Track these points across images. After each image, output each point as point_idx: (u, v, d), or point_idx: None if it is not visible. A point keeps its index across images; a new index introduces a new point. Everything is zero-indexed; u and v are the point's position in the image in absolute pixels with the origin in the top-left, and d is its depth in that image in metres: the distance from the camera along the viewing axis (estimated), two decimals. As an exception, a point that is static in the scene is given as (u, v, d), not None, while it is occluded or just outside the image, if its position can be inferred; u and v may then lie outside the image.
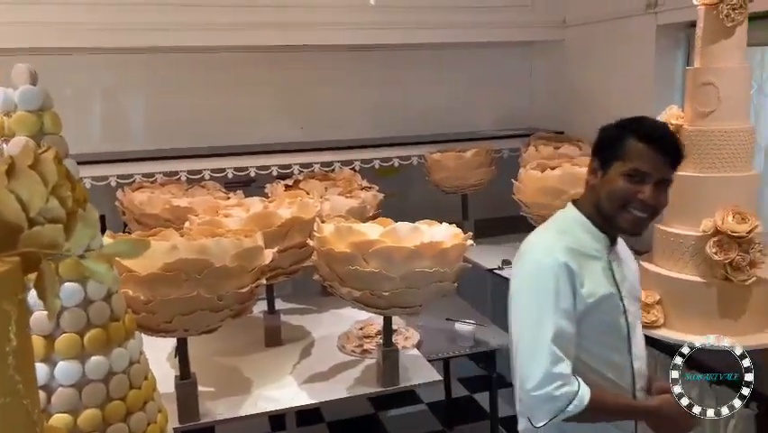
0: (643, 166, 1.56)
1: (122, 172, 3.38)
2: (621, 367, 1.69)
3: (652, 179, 1.57)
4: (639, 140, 1.57)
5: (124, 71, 3.54)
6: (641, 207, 1.58)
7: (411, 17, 3.62)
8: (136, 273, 1.87)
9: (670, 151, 1.58)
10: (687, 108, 2.48)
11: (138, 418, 1.26)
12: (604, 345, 1.68)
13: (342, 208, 2.79)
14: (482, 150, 3.65)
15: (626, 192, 1.58)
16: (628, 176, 1.57)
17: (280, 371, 2.50)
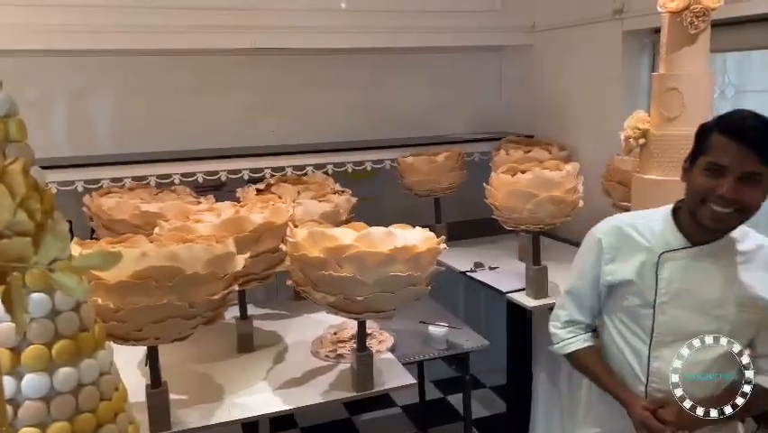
0: (722, 159, 1.47)
1: (89, 177, 3.32)
2: (640, 355, 1.70)
3: (733, 173, 1.45)
4: (721, 133, 1.49)
5: (91, 74, 3.48)
6: (720, 203, 1.47)
7: (382, 22, 3.63)
8: (105, 281, 1.83)
9: (756, 143, 1.43)
10: (653, 113, 2.52)
11: (108, 430, 1.25)
12: (626, 325, 1.73)
13: (315, 213, 2.79)
14: (454, 154, 3.67)
15: (704, 187, 1.51)
16: (707, 170, 1.51)
17: (253, 377, 2.48)
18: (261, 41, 3.43)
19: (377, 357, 2.50)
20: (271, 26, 3.44)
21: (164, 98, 3.60)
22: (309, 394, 2.36)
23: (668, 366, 1.60)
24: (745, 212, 1.50)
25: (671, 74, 2.42)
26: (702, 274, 1.60)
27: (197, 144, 3.63)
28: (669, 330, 1.63)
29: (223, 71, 3.66)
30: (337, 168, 3.68)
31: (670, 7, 2.32)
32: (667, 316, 1.63)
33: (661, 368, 1.64)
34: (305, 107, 3.85)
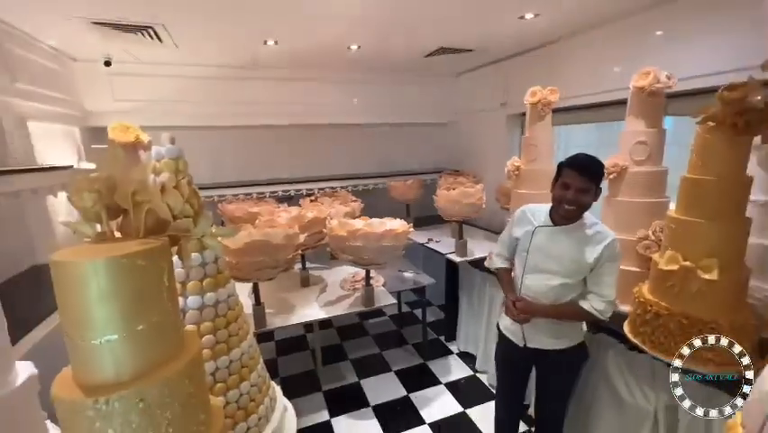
0: (567, 179, 1.49)
1: (220, 193, 3.35)
2: (520, 276, 1.67)
3: (573, 187, 1.47)
4: (567, 166, 1.52)
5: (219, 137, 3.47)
6: (568, 204, 1.50)
7: (377, 110, 3.68)
8: (230, 248, 1.88)
9: (585, 170, 1.47)
10: (522, 158, 2.54)
11: (234, 325, 1.28)
12: (518, 261, 1.70)
13: (341, 212, 2.81)
14: (417, 181, 3.71)
15: (559, 195, 1.52)
16: (561, 186, 1.52)
17: (309, 300, 2.52)
18: (311, 120, 3.48)
19: (375, 289, 2.55)
20: (316, 112, 3.48)
21: (260, 151, 3.62)
22: (339, 308, 2.41)
23: (528, 283, 1.64)
24: (582, 209, 1.52)
25: (531, 136, 2.46)
26: (555, 241, 1.58)
27: (279, 175, 3.64)
28: (532, 266, 1.63)
29: (291, 135, 3.66)
30: (354, 188, 3.72)
31: (530, 101, 2.37)
32: (531, 258, 1.63)
33: (526, 283, 1.65)
34: (337, 155, 3.87)
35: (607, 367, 1.84)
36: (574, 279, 1.56)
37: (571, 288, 1.58)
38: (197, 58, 2.83)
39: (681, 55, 1.93)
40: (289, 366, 3.12)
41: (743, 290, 1.48)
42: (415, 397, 2.69)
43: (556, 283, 1.57)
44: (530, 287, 1.63)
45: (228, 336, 1.28)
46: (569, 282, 1.56)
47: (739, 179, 1.42)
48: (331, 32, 2.37)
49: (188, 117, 3.05)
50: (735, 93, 1.31)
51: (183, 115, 3.02)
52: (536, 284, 1.62)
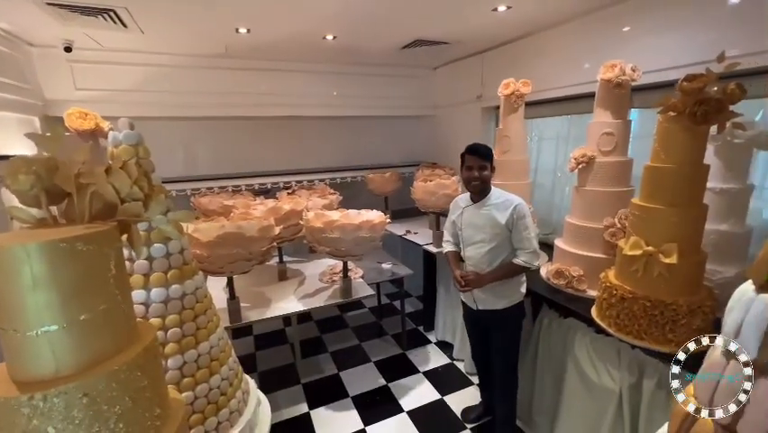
0: (469, 162, 1.82)
1: (194, 187, 3.24)
2: (461, 251, 1.98)
3: (474, 167, 1.80)
4: (467, 152, 1.84)
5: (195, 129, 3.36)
6: (473, 181, 1.82)
7: (357, 102, 3.61)
8: (200, 240, 1.80)
9: (479, 153, 1.80)
10: (496, 150, 2.51)
11: (202, 318, 1.23)
12: (458, 239, 1.98)
13: (319, 205, 2.77)
14: (394, 174, 3.69)
15: (466, 176, 1.84)
16: (466, 168, 1.84)
17: (286, 293, 2.47)
18: (289, 112, 3.38)
19: (353, 281, 2.52)
20: (294, 104, 3.38)
21: (236, 143, 3.50)
22: (317, 301, 2.36)
23: (468, 254, 1.92)
24: (485, 182, 1.82)
25: (505, 128, 2.47)
26: (476, 215, 1.87)
27: (255, 168, 3.54)
28: (467, 240, 1.91)
29: (268, 128, 3.56)
30: (332, 181, 3.67)
31: (504, 93, 2.38)
32: (464, 234, 1.92)
33: (466, 255, 1.93)
34: (315, 148, 3.79)
35: (575, 350, 1.88)
36: (498, 241, 1.83)
37: (499, 250, 1.84)
38: (166, 45, 2.70)
39: (646, 49, 1.97)
40: (268, 360, 3.06)
41: (700, 273, 1.53)
42: (394, 386, 2.69)
43: (487, 249, 1.85)
44: (470, 257, 1.91)
45: (196, 329, 1.22)
46: (495, 246, 1.83)
47: (697, 167, 1.46)
48: (305, 21, 2.30)
49: (158, 107, 2.90)
50: (693, 83, 1.35)
51: (152, 105, 2.88)
52: (473, 254, 1.89)
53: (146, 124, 3.08)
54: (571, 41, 2.41)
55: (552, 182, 2.95)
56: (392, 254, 3.37)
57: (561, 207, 2.87)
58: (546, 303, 2.08)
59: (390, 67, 3.62)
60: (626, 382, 1.66)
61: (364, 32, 2.57)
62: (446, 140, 3.86)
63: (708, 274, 1.61)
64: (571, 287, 2.03)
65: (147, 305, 1.13)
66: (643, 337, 1.55)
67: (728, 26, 1.67)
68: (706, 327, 1.50)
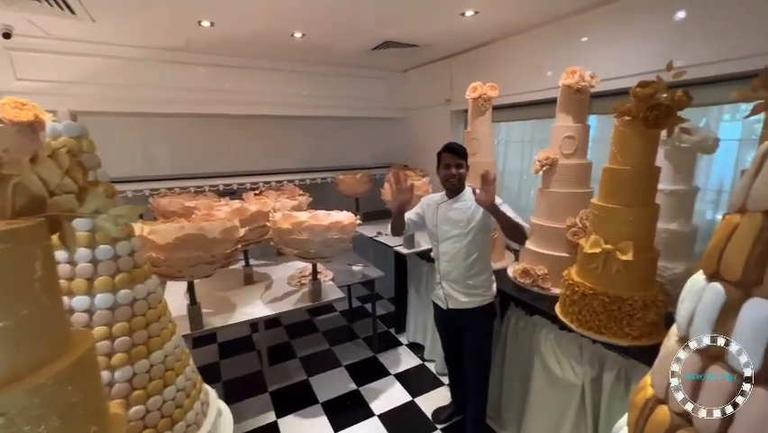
0: (446, 160, 1.85)
1: (153, 187, 3.05)
2: (436, 247, 1.97)
3: (451, 165, 1.84)
4: (444, 151, 1.87)
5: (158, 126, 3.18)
6: (450, 179, 1.85)
7: (327, 101, 3.54)
8: (156, 243, 1.69)
9: (455, 151, 1.84)
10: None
11: (155, 325, 1.14)
12: (432, 237, 1.99)
13: (288, 206, 2.68)
14: (365, 175, 3.66)
15: (443, 173, 1.87)
16: (443, 166, 1.87)
17: (253, 297, 2.37)
18: (256, 110, 3.26)
19: (323, 283, 2.46)
20: (262, 102, 3.28)
21: (200, 142, 3.35)
22: (285, 305, 2.28)
23: (444, 249, 1.91)
24: (462, 179, 1.86)
25: (473, 131, 2.50)
26: (452, 210, 1.88)
27: (220, 169, 3.40)
28: (441, 235, 1.91)
29: (234, 127, 3.43)
30: (301, 182, 3.58)
31: (472, 96, 2.42)
32: (440, 229, 1.92)
33: (442, 250, 1.92)
34: (284, 148, 3.69)
35: (541, 347, 1.92)
36: (473, 235, 1.84)
37: (475, 244, 1.86)
38: (121, 36, 2.53)
39: (603, 58, 2.06)
40: (233, 369, 2.92)
41: (653, 269, 1.61)
42: (364, 390, 2.64)
43: (463, 244, 1.86)
44: (446, 252, 1.91)
45: (148, 338, 1.13)
46: (471, 240, 1.85)
47: (650, 168, 1.54)
48: (272, 17, 2.23)
49: (111, 102, 2.71)
50: (646, 90, 1.42)
51: (105, 99, 2.68)
52: (449, 249, 1.89)
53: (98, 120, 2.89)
54: (535, 48, 2.49)
55: (518, 185, 3.03)
56: (363, 256, 3.33)
57: (527, 209, 2.95)
58: (513, 302, 2.12)
59: (361, 68, 3.60)
60: (588, 375, 1.71)
61: (333, 32, 2.53)
62: (417, 142, 3.88)
63: (659, 270, 1.70)
64: (536, 285, 2.08)
65: (91, 312, 1.03)
66: (603, 332, 1.60)
67: (675, 39, 1.78)
68: (659, 320, 1.58)
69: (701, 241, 1.85)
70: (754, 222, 0.47)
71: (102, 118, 2.89)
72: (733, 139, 1.84)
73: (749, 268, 0.47)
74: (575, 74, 1.92)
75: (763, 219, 0.47)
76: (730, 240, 0.51)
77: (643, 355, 1.52)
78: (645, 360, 1.51)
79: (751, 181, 0.49)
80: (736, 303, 0.47)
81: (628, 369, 1.60)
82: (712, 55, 1.65)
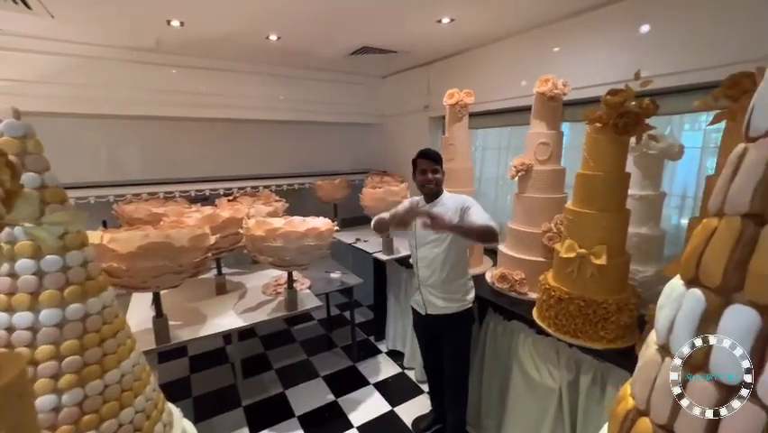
0: (421, 166, 1.86)
1: (118, 193, 2.89)
2: (414, 252, 1.96)
3: (427, 171, 1.84)
4: (419, 157, 1.88)
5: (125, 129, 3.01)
6: (426, 184, 1.85)
7: (305, 106, 3.48)
8: (117, 252, 1.58)
9: (430, 157, 1.85)
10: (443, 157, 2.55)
11: (110, 342, 1.04)
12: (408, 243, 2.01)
13: (263, 212, 2.59)
14: (344, 180, 3.61)
15: (420, 179, 1.87)
16: (419, 172, 1.87)
17: (225, 308, 2.25)
18: (231, 114, 3.17)
19: (300, 292, 2.38)
20: (237, 106, 3.18)
21: (172, 146, 3.20)
22: (259, 315, 2.18)
23: (422, 255, 1.90)
24: (438, 184, 1.86)
25: (450, 137, 2.51)
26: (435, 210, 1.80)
27: (192, 174, 3.26)
28: (419, 240, 1.90)
29: (208, 131, 3.31)
30: (278, 187, 3.48)
31: (449, 102, 2.43)
32: (418, 234, 1.89)
33: (420, 255, 1.91)
34: (260, 153, 3.59)
35: (519, 352, 1.92)
36: (451, 241, 1.81)
37: (452, 250, 1.83)
38: (82, 34, 2.39)
39: (574, 68, 2.12)
40: (205, 383, 2.78)
41: (626, 272, 1.64)
42: (343, 401, 2.56)
43: (441, 249, 1.84)
44: (424, 257, 1.89)
45: (102, 356, 1.03)
46: (448, 245, 1.82)
47: (621, 174, 1.58)
48: (246, 18, 2.17)
49: (72, 102, 2.56)
50: (616, 98, 1.45)
51: (65, 99, 2.53)
52: (427, 253, 1.88)
53: (61, 122, 2.73)
54: (509, 57, 2.53)
55: (494, 191, 3.06)
56: (342, 263, 3.27)
57: (503, 215, 2.98)
58: (491, 307, 2.12)
59: (339, 73, 3.57)
60: (565, 379, 1.72)
61: (310, 35, 2.49)
62: (396, 148, 3.87)
63: (631, 274, 1.73)
64: (514, 290, 2.08)
65: (35, 329, 0.93)
66: (578, 336, 1.61)
67: (641, 51, 1.85)
68: (632, 323, 1.61)
69: (669, 245, 1.90)
70: (732, 226, 0.46)
71: (65, 120, 2.73)
72: (695, 147, 1.92)
73: (728, 273, 0.46)
74: (548, 82, 1.95)
75: (741, 223, 0.46)
76: (708, 244, 0.49)
77: (617, 358, 1.53)
78: (620, 363, 1.52)
79: (728, 185, 0.49)
80: (717, 310, 0.46)
81: (603, 372, 1.61)
82: (676, 66, 1.71)
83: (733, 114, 1.19)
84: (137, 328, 2.02)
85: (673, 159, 1.75)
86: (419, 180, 1.87)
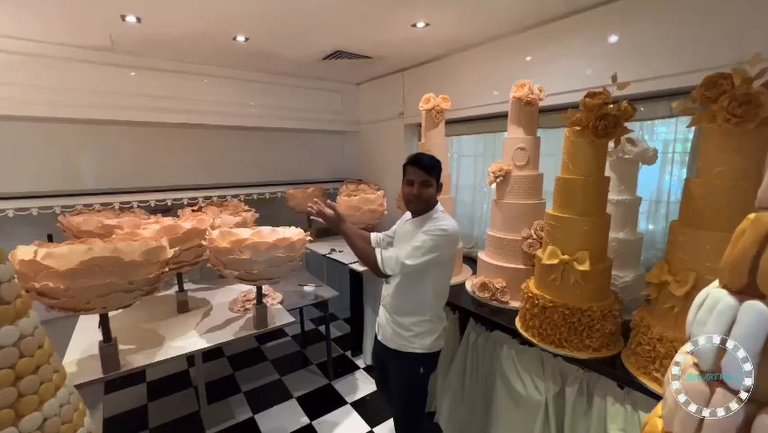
0: (410, 176, 1.55)
1: (65, 204, 2.62)
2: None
3: (416, 182, 1.54)
4: (409, 164, 1.57)
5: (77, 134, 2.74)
6: (413, 198, 1.56)
7: (276, 112, 3.34)
8: (55, 269, 1.36)
9: (423, 165, 1.53)
10: None
11: (29, 379, 0.86)
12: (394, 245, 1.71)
13: (230, 223, 2.40)
14: (318, 189, 3.47)
15: (406, 191, 1.58)
16: (407, 183, 1.57)
17: (187, 328, 2.04)
18: (197, 119, 2.97)
19: (271, 308, 2.20)
20: (204, 111, 3.00)
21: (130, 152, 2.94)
22: (224, 335, 1.98)
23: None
24: (425, 201, 1.56)
25: (427, 143, 2.44)
26: (408, 230, 1.61)
27: (152, 183, 3.01)
28: (397, 243, 1.67)
29: (170, 137, 3.08)
30: (247, 196, 3.30)
31: (425, 107, 2.37)
32: (396, 242, 1.69)
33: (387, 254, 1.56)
34: (227, 160, 3.39)
35: (502, 363, 1.83)
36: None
37: (407, 278, 1.57)
38: (23, 29, 2.16)
39: (546, 75, 2.11)
40: (164, 412, 2.51)
41: (608, 278, 1.60)
42: (318, 424, 2.38)
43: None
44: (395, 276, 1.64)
45: (17, 397, 0.84)
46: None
47: (600, 177, 1.55)
48: (208, 16, 2.02)
49: (12, 104, 2.30)
50: (594, 99, 1.43)
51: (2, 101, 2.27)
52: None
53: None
54: (484, 64, 2.52)
55: (471, 198, 3.03)
56: (317, 276, 3.11)
57: (481, 222, 2.94)
58: (473, 317, 2.03)
59: (313, 79, 3.46)
60: (551, 391, 1.64)
61: (280, 37, 2.37)
62: (371, 156, 3.78)
63: (612, 279, 1.70)
64: (495, 299, 2.01)
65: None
66: (563, 345, 1.55)
67: (611, 59, 1.86)
68: (616, 330, 1.56)
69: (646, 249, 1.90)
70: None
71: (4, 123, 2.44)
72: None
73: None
74: (524, 87, 1.93)
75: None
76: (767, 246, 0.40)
77: (603, 368, 1.48)
78: (606, 372, 1.47)
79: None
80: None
81: (590, 382, 1.55)
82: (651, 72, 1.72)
83: (711, 115, 1.17)
84: (83, 355, 1.78)
85: (648, 163, 1.75)
86: (404, 193, 1.58)
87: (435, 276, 1.55)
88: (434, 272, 1.54)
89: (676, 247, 1.31)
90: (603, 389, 1.50)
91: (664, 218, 2.00)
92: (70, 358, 1.75)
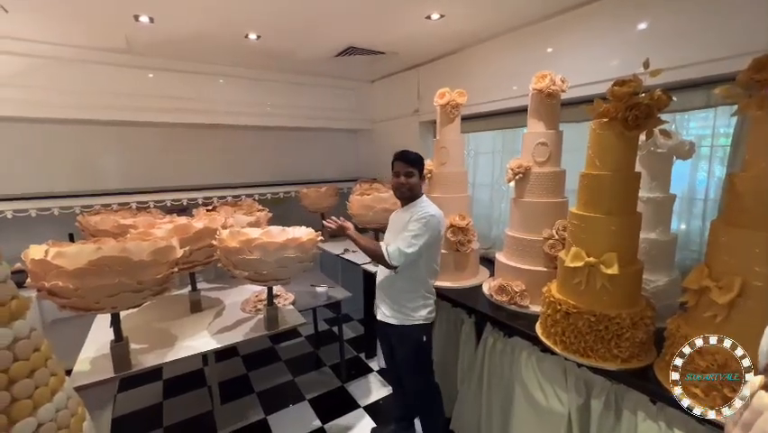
0: (396, 168, 1.81)
1: (84, 204, 2.67)
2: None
3: (401, 173, 1.79)
4: (396, 159, 1.82)
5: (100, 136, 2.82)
6: (400, 187, 1.80)
7: (290, 111, 3.32)
8: (64, 269, 1.36)
9: (406, 159, 1.79)
10: (435, 161, 2.40)
11: (23, 384, 0.83)
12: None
13: (244, 222, 2.39)
14: (331, 188, 3.43)
15: (395, 182, 1.82)
16: (394, 174, 1.82)
17: (200, 328, 2.03)
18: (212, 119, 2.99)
19: (282, 308, 2.17)
20: (220, 111, 3.01)
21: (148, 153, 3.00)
22: (236, 335, 1.96)
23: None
24: (412, 190, 1.80)
25: (442, 139, 2.35)
26: (396, 218, 1.88)
27: (169, 183, 3.05)
28: (385, 241, 1.83)
29: (186, 137, 3.12)
30: (261, 196, 3.30)
31: (440, 102, 2.28)
32: (385, 237, 1.91)
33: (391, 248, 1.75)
34: (243, 161, 3.41)
35: (522, 372, 1.72)
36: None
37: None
38: (44, 32, 2.20)
39: (569, 66, 1.98)
40: (179, 411, 2.51)
41: (639, 283, 1.47)
42: (330, 427, 2.33)
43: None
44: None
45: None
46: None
47: (630, 173, 1.42)
48: (220, 14, 2.00)
49: (35, 107, 2.35)
50: (624, 88, 1.30)
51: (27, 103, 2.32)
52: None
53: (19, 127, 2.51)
54: (501, 57, 2.41)
55: (489, 197, 2.91)
56: (331, 277, 3.07)
57: (499, 222, 2.82)
58: (490, 322, 1.92)
59: (326, 77, 3.42)
60: (575, 403, 1.52)
61: (292, 34, 2.33)
62: (385, 155, 3.64)
63: (642, 284, 1.56)
64: (513, 303, 1.90)
65: None
66: (589, 355, 1.43)
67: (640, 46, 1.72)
68: (648, 339, 1.43)
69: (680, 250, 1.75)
70: None
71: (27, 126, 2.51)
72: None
73: None
74: (546, 78, 1.81)
75: None
76: None
77: (633, 380, 1.35)
78: (637, 385, 1.34)
79: None
80: None
81: (618, 395, 1.42)
82: (680, 60, 1.58)
83: (761, 101, 1.03)
84: (97, 353, 1.79)
85: (684, 157, 1.60)
86: (393, 183, 1.83)
87: (427, 257, 1.78)
88: (426, 254, 1.75)
89: (718, 249, 1.17)
90: (633, 403, 1.37)
91: (700, 217, 1.84)
92: (85, 356, 1.77)
